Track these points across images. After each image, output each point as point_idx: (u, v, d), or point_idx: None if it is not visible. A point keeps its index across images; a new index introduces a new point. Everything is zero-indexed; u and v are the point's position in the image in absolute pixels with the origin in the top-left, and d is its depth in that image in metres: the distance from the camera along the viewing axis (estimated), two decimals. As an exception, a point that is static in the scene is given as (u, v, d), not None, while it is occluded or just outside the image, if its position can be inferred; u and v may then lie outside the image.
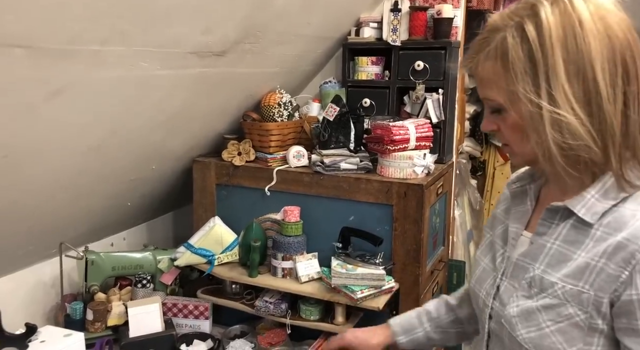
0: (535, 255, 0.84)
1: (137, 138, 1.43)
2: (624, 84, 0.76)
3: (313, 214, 1.64)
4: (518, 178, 0.98)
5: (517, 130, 0.81)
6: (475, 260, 1.01)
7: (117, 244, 1.85)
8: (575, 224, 0.81)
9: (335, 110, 1.64)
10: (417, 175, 1.55)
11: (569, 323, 0.77)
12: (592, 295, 0.76)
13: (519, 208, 0.93)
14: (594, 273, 0.76)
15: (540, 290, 0.80)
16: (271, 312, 1.57)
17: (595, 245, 0.77)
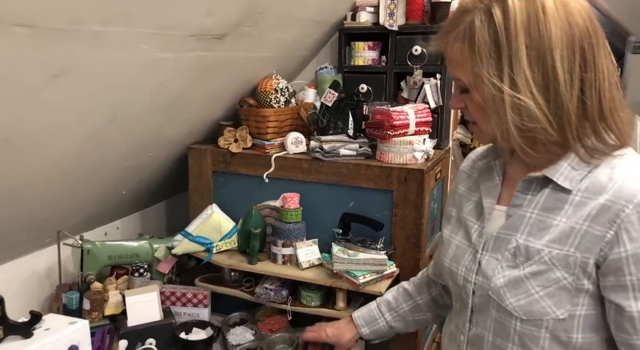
0: (516, 226, 0.87)
1: (136, 124, 1.40)
2: (581, 70, 0.80)
3: (312, 201, 1.63)
4: (482, 155, 1.01)
5: (481, 110, 0.85)
6: (445, 239, 1.03)
7: (111, 234, 1.82)
8: (552, 192, 0.85)
9: (334, 95, 1.63)
10: (417, 161, 1.56)
11: (557, 286, 0.81)
12: (578, 257, 0.80)
13: (488, 183, 0.96)
14: (579, 236, 0.80)
15: (527, 259, 0.84)
16: (272, 299, 1.56)
17: (576, 210, 0.81)
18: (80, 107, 1.15)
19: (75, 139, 1.24)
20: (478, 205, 0.97)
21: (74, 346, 0.98)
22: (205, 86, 1.53)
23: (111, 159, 1.46)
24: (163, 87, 1.36)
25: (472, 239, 0.94)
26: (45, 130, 1.12)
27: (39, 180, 1.27)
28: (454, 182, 1.11)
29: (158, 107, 1.42)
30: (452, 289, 1.02)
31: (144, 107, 1.36)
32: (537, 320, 0.83)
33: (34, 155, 1.16)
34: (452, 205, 1.06)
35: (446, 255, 1.00)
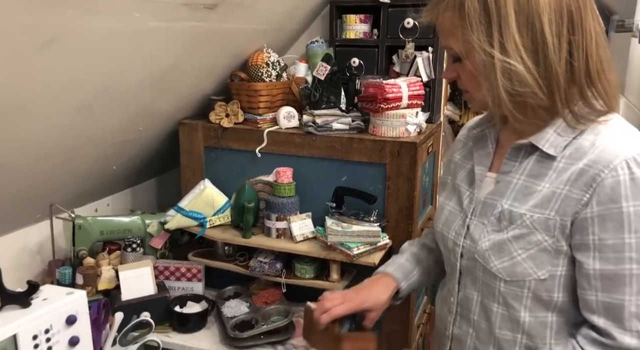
0: (502, 192, 0.91)
1: (127, 97, 1.37)
2: (569, 33, 0.82)
3: (305, 175, 1.64)
4: (477, 124, 1.04)
5: (473, 77, 0.86)
6: (440, 206, 1.07)
7: (101, 210, 1.80)
8: (538, 158, 0.88)
9: (326, 69, 1.62)
10: (410, 134, 1.56)
11: (538, 249, 0.85)
12: (557, 220, 0.84)
13: (481, 151, 0.99)
14: (559, 200, 0.84)
15: (510, 223, 0.87)
16: (266, 272, 1.58)
17: (559, 176, 0.85)
18: (71, 77, 1.13)
19: (66, 111, 1.22)
20: (470, 172, 1.00)
21: (73, 316, 0.98)
22: (197, 59, 1.51)
23: (102, 132, 1.44)
24: (154, 59, 1.33)
25: (463, 204, 0.98)
26: (35, 100, 1.09)
27: (30, 152, 1.25)
28: (450, 150, 1.13)
29: (149, 79, 1.39)
30: (443, 253, 1.05)
31: (135, 79, 1.34)
32: (520, 281, 0.87)
33: (25, 126, 1.14)
34: (448, 173, 1.09)
35: (439, 221, 1.04)
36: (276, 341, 1.47)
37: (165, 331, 1.52)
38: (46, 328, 0.95)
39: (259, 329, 1.46)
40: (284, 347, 1.47)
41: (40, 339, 0.94)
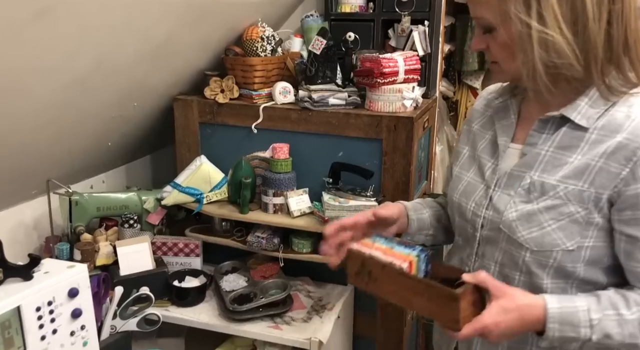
0: (530, 163, 0.90)
1: (121, 71, 1.36)
2: (609, 2, 0.80)
3: (302, 151, 1.64)
4: (499, 94, 1.03)
5: (506, 48, 0.85)
6: (455, 176, 1.05)
7: (96, 187, 1.80)
8: (568, 131, 0.88)
9: (322, 43, 1.61)
10: (406, 109, 1.56)
11: (569, 220, 0.85)
12: (592, 192, 0.84)
13: (503, 122, 0.98)
14: (593, 172, 0.84)
15: (541, 194, 0.87)
16: (264, 247, 1.59)
17: (592, 148, 0.84)
18: (65, 49, 1.11)
19: (61, 84, 1.20)
20: (492, 143, 0.99)
21: (75, 289, 0.99)
22: (191, 32, 1.49)
23: (97, 107, 1.43)
24: (148, 32, 1.31)
25: (485, 175, 0.96)
26: (29, 72, 1.07)
27: (25, 128, 1.23)
28: (467, 120, 1.11)
29: (143, 53, 1.37)
30: (457, 223, 1.03)
31: (130, 52, 1.32)
32: (547, 252, 0.87)
33: (19, 99, 1.12)
34: (465, 143, 1.07)
35: (455, 191, 1.02)
36: (274, 314, 1.50)
37: (164, 305, 1.54)
38: (49, 300, 0.95)
39: (257, 302, 1.48)
40: (282, 320, 1.50)
41: (43, 310, 0.94)
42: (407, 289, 0.87)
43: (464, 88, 2.77)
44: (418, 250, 0.93)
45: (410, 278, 0.87)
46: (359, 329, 1.72)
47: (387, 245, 0.95)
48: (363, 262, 0.92)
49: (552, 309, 0.82)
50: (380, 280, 0.90)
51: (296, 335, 1.43)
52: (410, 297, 0.87)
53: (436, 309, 0.84)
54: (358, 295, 1.71)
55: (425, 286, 0.85)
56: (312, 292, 1.65)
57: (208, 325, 1.48)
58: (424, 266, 0.92)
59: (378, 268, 0.90)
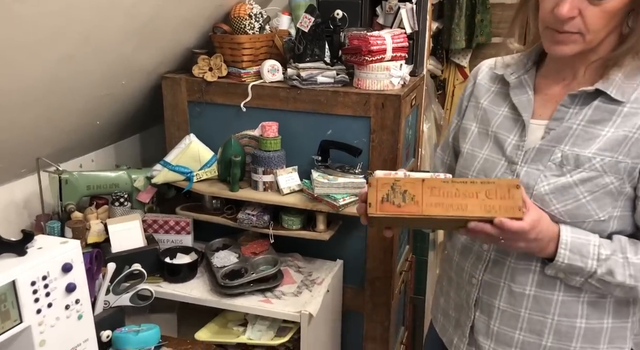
0: (560, 137, 0.92)
1: (108, 49, 1.35)
2: None
3: (291, 129, 1.65)
4: (513, 69, 1.02)
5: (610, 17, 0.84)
6: (467, 154, 1.04)
7: (85, 166, 1.80)
8: (600, 105, 0.90)
9: (310, 21, 1.61)
10: (394, 87, 1.58)
11: (604, 191, 0.88)
12: (628, 163, 0.87)
13: (521, 98, 0.98)
14: (630, 143, 0.87)
15: (576, 167, 0.89)
16: (254, 224, 1.62)
17: (626, 120, 0.88)
18: (52, 26, 1.10)
19: (48, 62, 1.20)
20: (509, 119, 0.99)
21: (68, 264, 1.01)
22: (177, 9, 1.48)
23: (85, 85, 1.42)
24: (135, 8, 1.31)
25: (506, 151, 0.96)
26: (15, 48, 1.07)
27: (13, 106, 1.23)
28: (472, 95, 1.09)
29: (131, 30, 1.37)
30: None
31: (116, 30, 1.31)
32: (580, 222, 0.90)
33: (6, 78, 1.12)
34: (472, 119, 1.06)
35: (470, 169, 1.02)
36: (265, 288, 1.53)
37: (157, 281, 1.56)
38: (43, 275, 0.97)
39: (248, 277, 1.51)
40: (272, 294, 1.54)
41: (38, 285, 0.96)
42: (457, 195, 0.85)
43: (452, 66, 2.78)
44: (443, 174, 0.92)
45: (461, 182, 0.85)
46: (347, 302, 1.77)
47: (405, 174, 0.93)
48: (394, 185, 0.87)
49: (564, 236, 0.86)
50: (420, 197, 0.86)
51: (287, 309, 1.47)
52: (462, 203, 0.85)
53: (497, 203, 0.83)
54: (347, 270, 1.75)
55: (480, 184, 0.85)
56: (302, 268, 1.69)
57: (200, 300, 1.52)
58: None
59: (416, 184, 0.86)
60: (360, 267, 1.72)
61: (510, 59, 1.05)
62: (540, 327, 0.96)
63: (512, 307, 0.98)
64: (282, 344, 1.52)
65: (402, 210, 0.87)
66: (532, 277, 0.96)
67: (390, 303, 1.73)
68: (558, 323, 0.95)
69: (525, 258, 0.96)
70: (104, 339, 1.22)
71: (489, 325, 1.01)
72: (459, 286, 1.08)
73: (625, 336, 0.97)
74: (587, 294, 0.94)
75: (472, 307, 1.04)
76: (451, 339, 1.11)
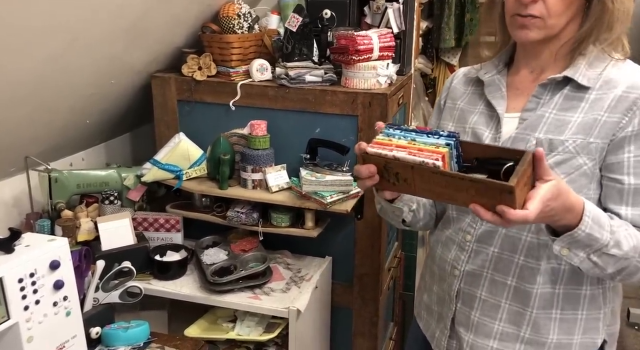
0: (534, 126, 0.96)
1: (97, 48, 1.36)
2: None
3: (279, 128, 1.67)
4: (486, 70, 1.07)
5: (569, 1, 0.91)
6: None
7: (76, 164, 1.81)
8: (569, 93, 0.95)
9: (297, 20, 1.62)
10: (381, 86, 1.60)
11: (579, 173, 0.92)
12: (599, 143, 0.91)
13: (495, 94, 1.04)
14: (599, 126, 0.91)
15: (550, 150, 0.93)
16: (243, 222, 1.63)
17: (594, 105, 0.93)
18: (38, 25, 1.11)
19: (36, 61, 1.21)
20: (484, 115, 1.04)
21: (56, 261, 1.02)
22: (166, 9, 1.49)
23: (73, 84, 1.43)
24: (123, 8, 1.32)
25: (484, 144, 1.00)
26: (3, 47, 1.08)
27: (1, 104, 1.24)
28: (448, 98, 1.15)
29: (119, 30, 1.38)
30: None
31: (104, 29, 1.32)
32: None
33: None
34: (449, 119, 1.11)
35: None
36: (254, 285, 1.55)
37: (147, 279, 1.58)
38: (31, 272, 0.99)
39: (237, 274, 1.53)
40: (261, 290, 1.55)
41: (25, 282, 0.98)
42: (447, 186, 0.79)
43: (442, 65, 2.80)
44: (444, 137, 0.84)
45: (450, 176, 0.79)
46: (336, 298, 1.79)
47: (407, 139, 0.85)
48: (386, 165, 0.83)
49: (588, 205, 0.84)
50: (411, 181, 0.83)
51: (275, 305, 1.48)
52: (453, 194, 0.80)
53: (487, 201, 0.76)
54: (336, 267, 1.77)
55: (470, 183, 0.77)
56: (291, 265, 1.71)
57: (189, 297, 1.53)
58: (455, 152, 0.84)
59: (406, 169, 0.82)
60: (349, 264, 1.74)
61: (483, 65, 1.10)
62: (519, 318, 0.99)
63: (493, 296, 1.01)
64: (271, 340, 1.54)
65: (398, 188, 0.85)
66: (514, 269, 0.98)
67: (378, 299, 1.75)
68: (536, 315, 0.98)
69: (508, 249, 0.99)
70: (94, 335, 1.23)
71: (470, 316, 1.04)
72: (441, 279, 1.10)
73: (598, 327, 0.99)
74: (562, 285, 0.97)
75: (453, 299, 1.06)
76: (433, 333, 1.13)
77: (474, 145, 0.90)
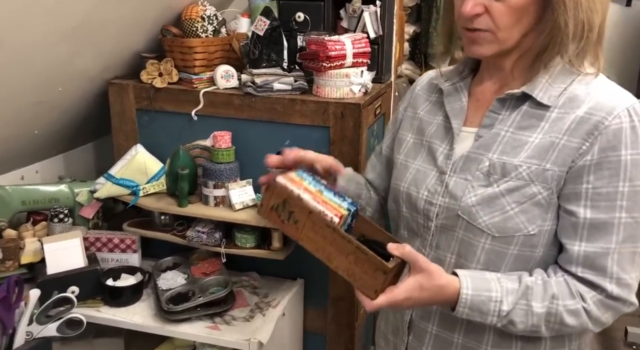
0: (488, 145, 0.86)
1: (33, 52, 1.23)
2: None
3: (245, 139, 1.54)
4: (447, 77, 0.97)
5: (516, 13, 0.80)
6: (400, 165, 0.99)
7: (29, 178, 1.67)
8: (528, 110, 0.85)
9: (265, 23, 1.50)
10: (355, 95, 1.47)
11: (531, 202, 0.82)
12: (555, 171, 0.81)
13: (454, 105, 0.94)
14: (556, 150, 0.81)
15: (502, 176, 0.83)
16: (204, 242, 1.50)
17: (554, 125, 0.82)
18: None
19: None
20: (442, 127, 0.94)
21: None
22: (118, 9, 1.36)
23: (11, 93, 1.30)
24: (60, 9, 1.18)
25: (437, 161, 0.92)
26: None
27: None
28: (409, 106, 1.05)
29: (59, 33, 1.25)
30: (404, 213, 0.96)
31: (40, 31, 1.19)
32: (509, 237, 0.83)
33: None
34: (408, 130, 1.02)
35: (402, 180, 0.96)
36: (214, 313, 1.41)
37: (96, 305, 1.44)
38: None
39: (194, 301, 1.40)
40: (222, 319, 1.42)
41: None
42: (331, 244, 0.82)
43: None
44: (348, 203, 0.88)
45: (340, 235, 0.81)
46: (309, 324, 1.66)
47: (316, 188, 0.87)
48: (286, 200, 0.84)
49: (464, 295, 0.81)
50: (302, 225, 0.84)
51: (235, 336, 1.35)
52: (332, 253, 0.82)
53: (359, 273, 0.80)
54: (308, 290, 1.63)
55: (355, 249, 0.80)
56: (257, 289, 1.57)
57: (141, 327, 1.39)
58: (350, 220, 0.88)
59: (303, 212, 0.83)
60: (322, 286, 1.61)
61: (450, 69, 1.00)
62: None
63: (445, 332, 0.92)
64: (232, 374, 1.40)
65: (285, 228, 0.86)
66: None
67: (354, 325, 1.62)
68: None
69: None
70: (24, 375, 1.10)
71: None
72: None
73: None
74: None
75: (405, 331, 0.98)
76: None
77: (367, 223, 0.92)
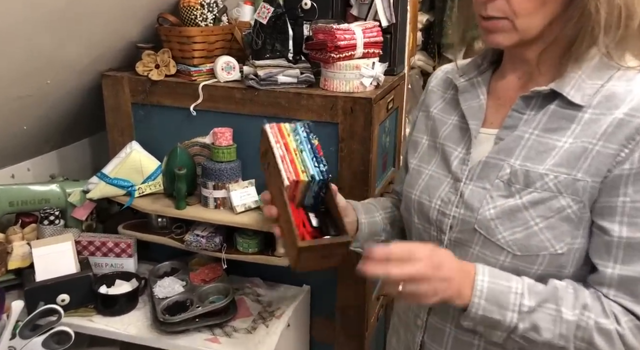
0: (510, 149, 0.75)
1: (11, 42, 1.12)
2: None
3: (248, 136, 1.43)
4: (463, 71, 0.87)
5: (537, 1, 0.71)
6: (413, 170, 0.89)
7: (20, 176, 1.58)
8: (557, 109, 0.74)
9: (268, 11, 1.38)
10: (365, 88, 1.36)
11: (559, 217, 0.72)
12: (588, 182, 0.70)
13: (471, 103, 0.83)
14: (590, 157, 0.70)
15: (525, 186, 0.74)
16: (203, 247, 1.40)
17: (587, 128, 0.72)
18: None
19: None
20: (457, 128, 0.84)
21: None
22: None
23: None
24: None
25: (451, 167, 0.82)
26: None
27: None
28: (423, 104, 0.96)
29: (40, 20, 1.14)
30: (416, 225, 0.87)
31: (17, 19, 1.08)
32: (533, 256, 0.73)
33: None
34: (423, 131, 0.92)
35: (414, 188, 0.87)
36: (214, 324, 1.32)
37: (88, 315, 1.35)
38: None
39: (192, 312, 1.30)
40: (222, 330, 1.32)
41: None
42: (278, 204, 0.85)
43: (444, 62, 2.55)
44: (319, 171, 0.86)
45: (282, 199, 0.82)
46: (316, 334, 1.56)
47: (298, 146, 0.87)
48: (267, 150, 0.88)
49: (480, 281, 0.70)
50: (268, 177, 0.89)
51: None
52: (280, 214, 0.84)
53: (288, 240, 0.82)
54: (314, 297, 1.53)
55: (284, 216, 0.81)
56: (261, 296, 1.47)
57: (135, 339, 1.30)
58: (317, 188, 0.86)
59: (274, 167, 0.85)
60: (330, 294, 1.50)
61: (467, 62, 0.89)
62: None
63: None
64: (233, 389, 1.30)
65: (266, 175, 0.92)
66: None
67: (364, 334, 1.52)
68: None
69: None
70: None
71: None
72: (406, 326, 0.93)
73: None
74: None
75: None
76: None
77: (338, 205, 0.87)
